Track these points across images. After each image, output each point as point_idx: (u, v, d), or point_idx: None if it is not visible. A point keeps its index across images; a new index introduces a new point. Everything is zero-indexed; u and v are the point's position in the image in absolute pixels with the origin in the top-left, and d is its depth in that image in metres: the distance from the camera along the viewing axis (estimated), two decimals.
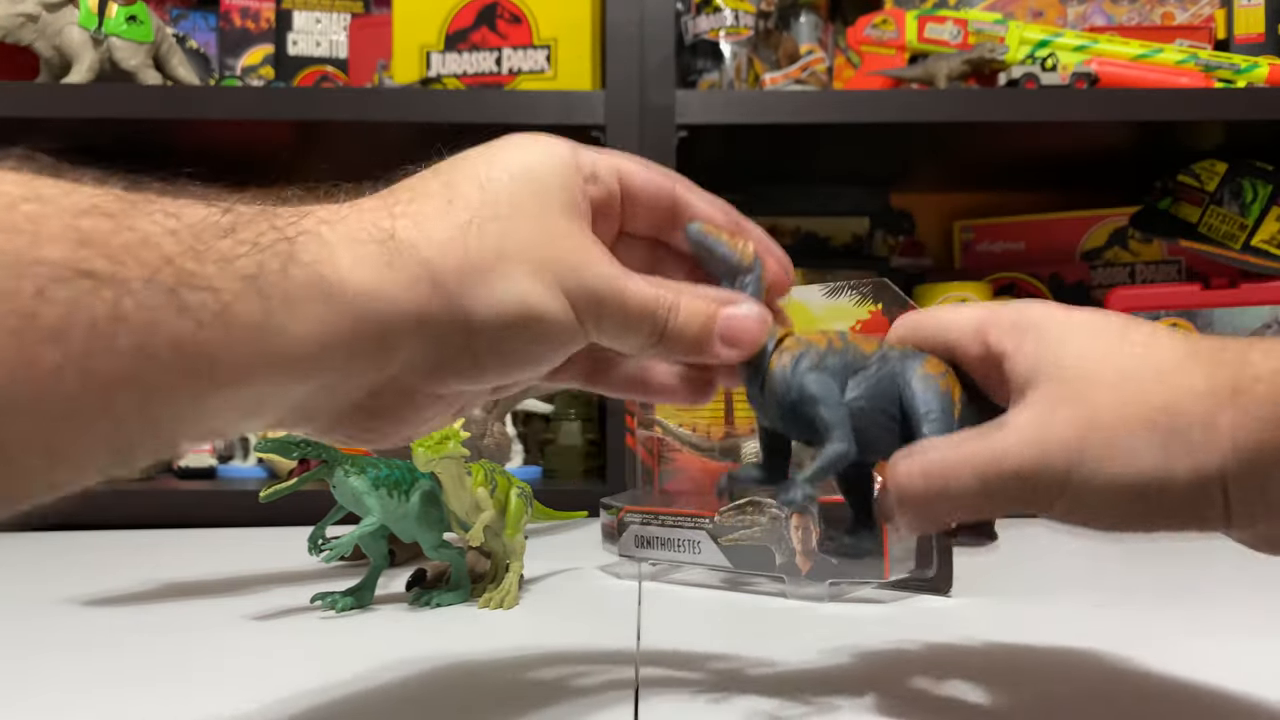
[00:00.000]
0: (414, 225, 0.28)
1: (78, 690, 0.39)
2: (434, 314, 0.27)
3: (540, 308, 0.29)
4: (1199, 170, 1.07)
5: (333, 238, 0.26)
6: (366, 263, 0.26)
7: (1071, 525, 0.30)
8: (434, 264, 0.27)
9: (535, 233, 0.29)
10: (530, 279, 0.28)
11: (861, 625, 0.48)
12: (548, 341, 0.30)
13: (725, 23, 1.03)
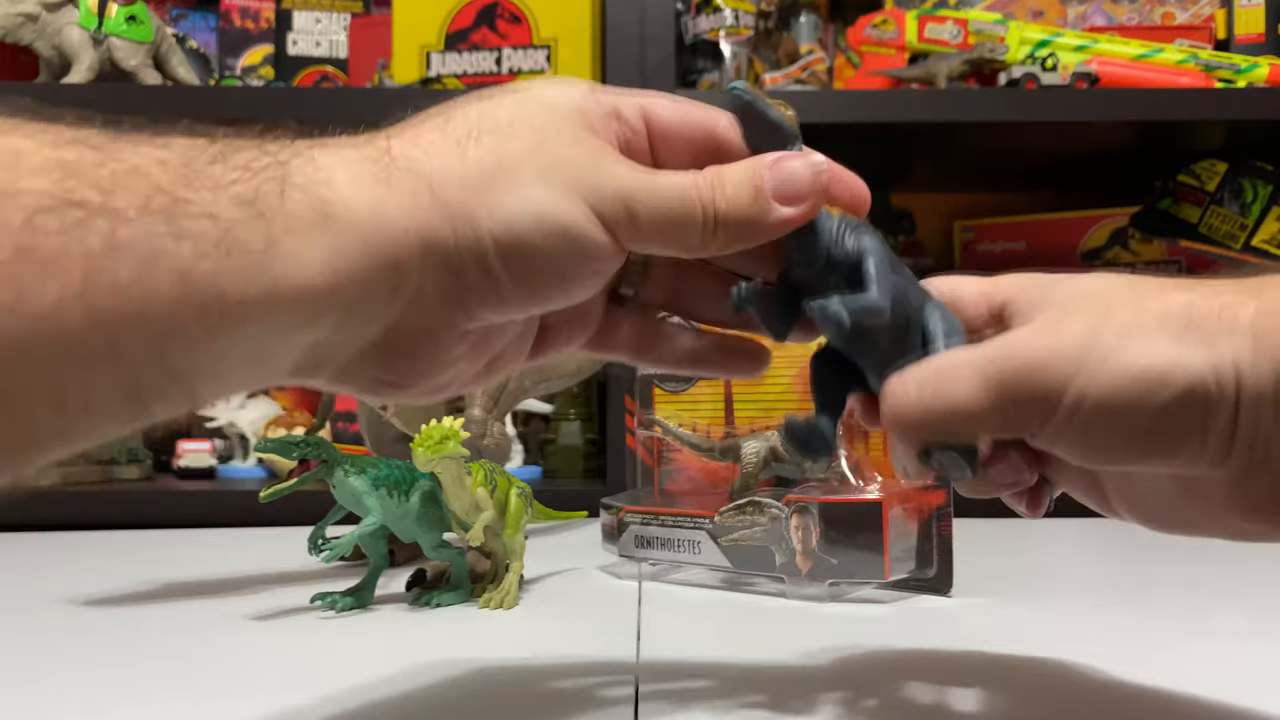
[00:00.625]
0: (410, 142, 0.26)
1: (78, 690, 0.39)
2: (438, 228, 0.25)
3: (556, 214, 0.26)
4: (1199, 170, 1.07)
5: (326, 159, 0.24)
6: (364, 180, 0.24)
7: (1066, 445, 0.28)
8: (434, 176, 0.25)
9: (538, 142, 0.27)
10: (540, 185, 0.26)
11: (861, 625, 0.48)
12: (573, 254, 0.27)
13: (725, 23, 1.03)
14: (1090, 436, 0.27)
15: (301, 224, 0.23)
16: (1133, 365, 0.26)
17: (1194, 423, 0.26)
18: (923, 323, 0.32)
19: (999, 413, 0.28)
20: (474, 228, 0.25)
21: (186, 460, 1.02)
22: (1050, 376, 0.27)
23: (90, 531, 0.83)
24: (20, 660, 0.44)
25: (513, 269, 0.26)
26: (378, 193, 0.24)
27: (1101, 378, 0.26)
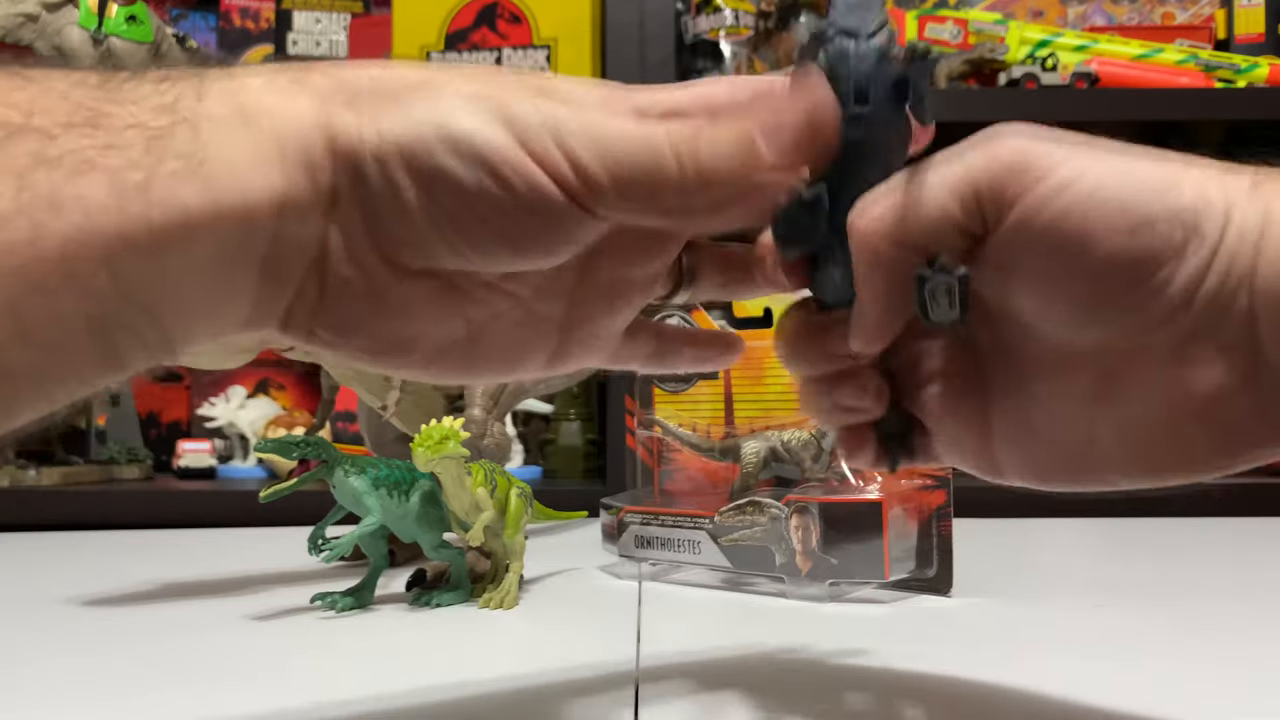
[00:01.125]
0: (339, 64, 0.25)
1: (77, 690, 0.39)
2: (346, 126, 0.23)
3: (464, 128, 0.23)
4: None
5: (241, 74, 0.24)
6: (278, 84, 0.23)
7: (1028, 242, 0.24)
8: (353, 84, 0.24)
9: (477, 74, 0.24)
10: (458, 101, 0.23)
11: (861, 625, 0.48)
12: (494, 189, 0.23)
13: (725, 22, 1.03)
14: (1065, 233, 0.23)
15: (222, 124, 0.22)
16: (1134, 166, 0.24)
17: (1172, 244, 0.23)
18: None
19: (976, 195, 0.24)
20: (378, 129, 0.23)
21: (186, 460, 1.02)
22: (1039, 154, 0.24)
23: (90, 531, 0.83)
24: (20, 660, 0.44)
25: (421, 191, 0.23)
26: (290, 93, 0.23)
27: (1097, 167, 0.24)
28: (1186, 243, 0.23)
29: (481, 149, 0.23)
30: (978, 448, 0.28)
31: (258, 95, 0.23)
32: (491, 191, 0.23)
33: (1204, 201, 0.24)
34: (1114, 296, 0.24)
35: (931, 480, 0.53)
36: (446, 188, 0.23)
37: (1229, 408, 0.24)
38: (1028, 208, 0.24)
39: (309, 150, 0.23)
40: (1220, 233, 0.23)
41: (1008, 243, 0.24)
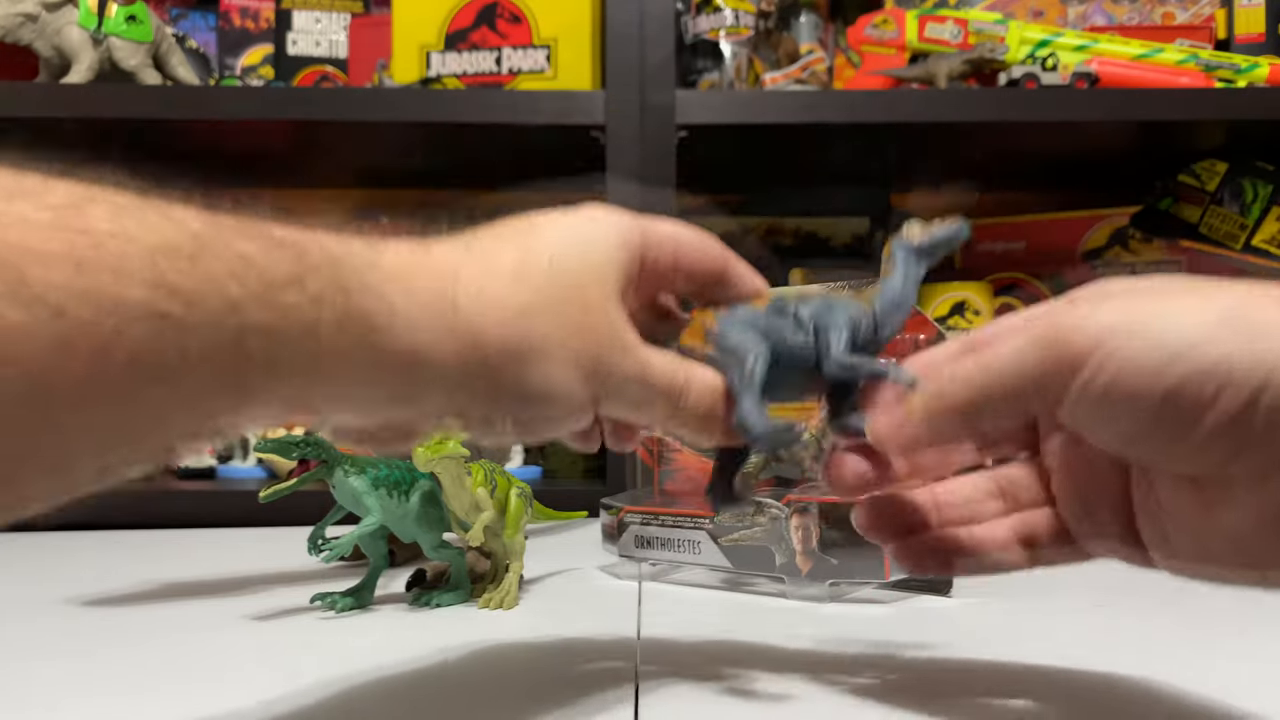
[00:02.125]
0: (476, 298, 0.29)
1: (77, 690, 0.39)
2: (470, 382, 0.29)
3: (563, 391, 0.30)
4: (1199, 170, 1.07)
5: (393, 293, 0.27)
6: (418, 323, 0.28)
7: (1084, 412, 0.28)
8: (485, 340, 0.29)
9: (581, 322, 0.31)
10: (564, 366, 0.30)
11: (861, 625, 0.48)
12: (561, 418, 0.32)
13: (725, 22, 1.03)
14: (1107, 404, 0.27)
15: (347, 352, 0.26)
16: (1166, 333, 0.26)
17: (1204, 396, 0.26)
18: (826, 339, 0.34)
19: (1036, 379, 0.28)
20: (497, 388, 0.30)
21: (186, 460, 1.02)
22: (1082, 338, 0.27)
23: (90, 531, 0.83)
24: (20, 660, 0.44)
25: (508, 416, 0.31)
26: (435, 341, 0.28)
27: (1134, 341, 0.27)
28: (1220, 392, 0.26)
29: (568, 405, 0.31)
30: (1121, 539, 0.33)
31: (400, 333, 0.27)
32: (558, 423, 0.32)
33: (1239, 352, 0.26)
34: (1161, 442, 0.27)
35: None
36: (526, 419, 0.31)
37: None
38: (1076, 391, 0.28)
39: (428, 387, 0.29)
40: (1264, 377, 0.25)
41: (1069, 413, 0.29)
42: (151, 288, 0.22)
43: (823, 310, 0.35)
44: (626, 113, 0.93)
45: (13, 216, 0.20)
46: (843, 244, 1.25)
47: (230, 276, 0.23)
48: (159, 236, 0.22)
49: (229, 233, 0.24)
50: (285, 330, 0.24)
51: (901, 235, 0.36)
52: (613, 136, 0.93)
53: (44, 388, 0.20)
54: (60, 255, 0.20)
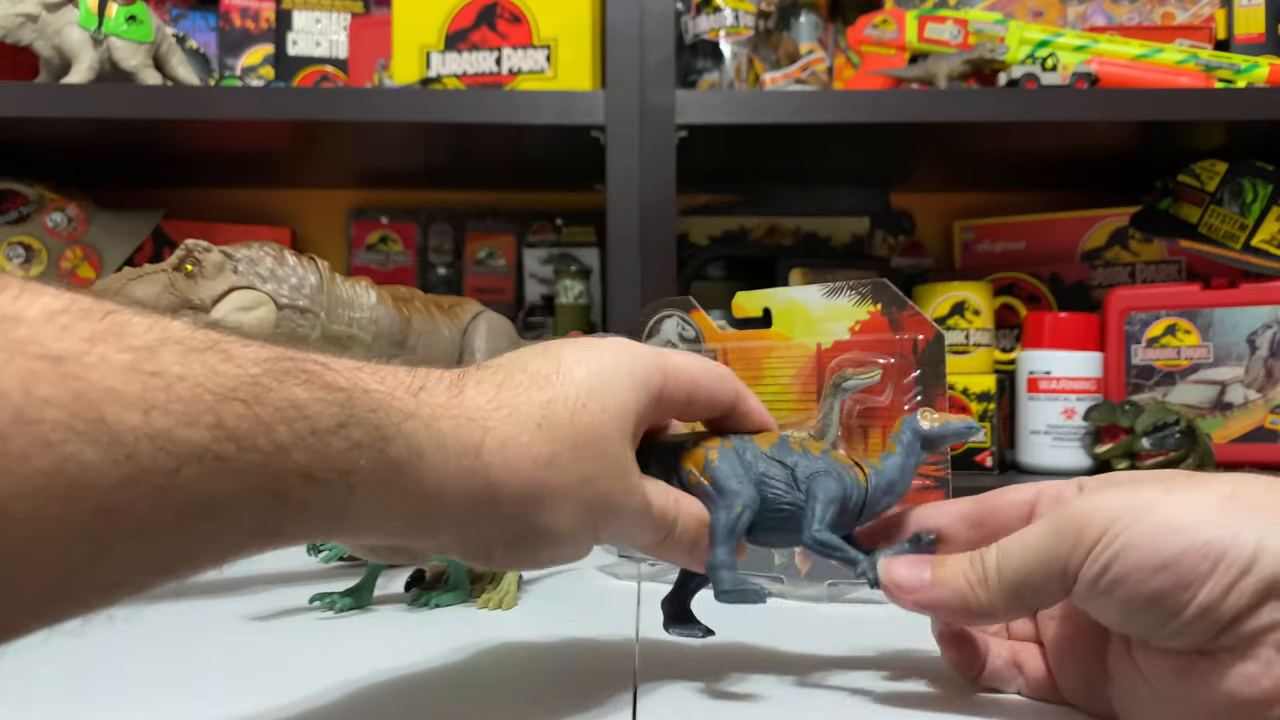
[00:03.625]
0: (500, 447, 0.31)
1: (77, 690, 0.39)
2: (480, 520, 0.31)
3: (567, 532, 0.33)
4: (1199, 170, 1.07)
5: (426, 441, 0.29)
6: (444, 471, 0.29)
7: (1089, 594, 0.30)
8: (500, 488, 0.31)
9: (595, 472, 0.33)
10: (571, 512, 0.33)
11: (861, 625, 0.48)
12: (562, 556, 0.34)
13: (725, 22, 1.03)
14: (1112, 582, 0.29)
15: (376, 492, 0.28)
16: (1167, 515, 0.29)
17: (1198, 573, 0.28)
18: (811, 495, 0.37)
19: (1063, 566, 0.31)
20: (504, 527, 0.32)
21: None
22: (1096, 525, 0.30)
23: None
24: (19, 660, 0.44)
25: (509, 549, 0.33)
26: (454, 485, 0.30)
27: (1136, 525, 0.29)
28: (1213, 569, 0.28)
29: (570, 545, 0.34)
30: (1091, 692, 0.34)
31: (424, 475, 0.29)
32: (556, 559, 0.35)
33: (1230, 534, 0.28)
34: (1157, 617, 0.29)
35: (930, 480, 0.53)
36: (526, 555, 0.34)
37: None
38: (1085, 572, 0.30)
39: (439, 523, 0.31)
40: (1250, 558, 0.27)
41: (1077, 594, 0.31)
42: (211, 430, 0.23)
43: (819, 474, 0.37)
44: (626, 113, 0.93)
45: (96, 358, 0.21)
46: (843, 244, 1.25)
47: (281, 421, 0.25)
48: (222, 381, 0.24)
49: (284, 376, 0.26)
50: (323, 474, 0.26)
51: (915, 418, 0.38)
52: (613, 136, 0.93)
53: (107, 520, 0.21)
54: (135, 398, 0.22)
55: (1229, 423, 1.00)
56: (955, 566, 0.34)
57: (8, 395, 0.20)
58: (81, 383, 0.21)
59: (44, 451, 0.20)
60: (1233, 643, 0.28)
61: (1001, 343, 1.16)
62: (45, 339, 0.21)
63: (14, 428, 0.19)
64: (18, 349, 0.20)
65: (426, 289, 0.65)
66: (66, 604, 0.23)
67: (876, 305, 0.53)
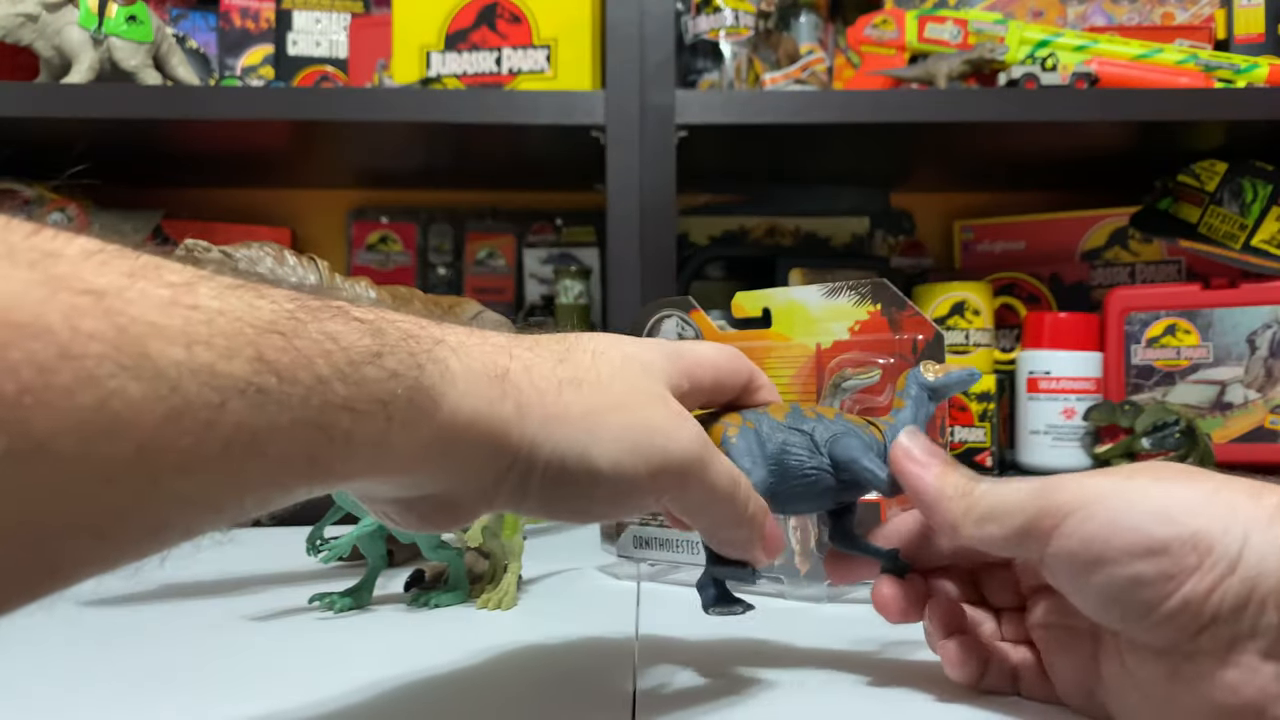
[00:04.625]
0: (524, 370, 0.31)
1: (78, 690, 0.39)
2: (512, 449, 0.30)
3: (609, 470, 0.31)
4: (1199, 170, 1.07)
5: (456, 367, 0.29)
6: (475, 394, 0.29)
7: (1057, 559, 0.31)
8: (528, 408, 0.30)
9: (630, 398, 0.32)
10: (611, 442, 0.31)
11: (861, 625, 0.48)
12: (605, 499, 0.32)
13: (725, 23, 1.03)
14: (1094, 560, 0.29)
15: (413, 422, 0.27)
16: (1156, 502, 0.29)
17: (1185, 565, 0.28)
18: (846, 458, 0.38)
19: (1031, 518, 0.31)
20: (534, 456, 0.30)
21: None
22: (1069, 494, 0.30)
23: None
24: (19, 660, 0.44)
25: (542, 494, 0.31)
26: (485, 409, 0.29)
27: (1123, 503, 0.29)
28: (1200, 563, 0.28)
29: (618, 484, 0.32)
30: (1085, 693, 0.34)
31: (456, 401, 0.29)
32: (606, 506, 0.33)
33: (1219, 529, 0.28)
34: (1132, 603, 0.29)
35: None
36: (560, 500, 0.32)
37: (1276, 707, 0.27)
38: (1059, 540, 0.30)
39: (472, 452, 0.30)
40: (1236, 556, 0.27)
41: (1049, 565, 0.31)
42: (252, 363, 0.23)
43: (838, 436, 0.38)
44: (626, 113, 0.93)
45: (136, 293, 0.21)
46: (843, 244, 1.25)
47: (319, 354, 0.25)
48: (259, 314, 0.24)
49: (317, 311, 0.25)
50: (363, 405, 0.26)
51: (918, 370, 0.39)
52: (613, 136, 0.93)
53: (153, 456, 0.21)
54: (176, 331, 0.21)
55: (1229, 423, 1.00)
56: (954, 474, 0.35)
57: (52, 330, 0.19)
58: (124, 317, 0.20)
59: (89, 387, 0.19)
60: (1212, 645, 0.28)
61: (1001, 343, 1.16)
62: (86, 274, 0.20)
63: (59, 362, 0.19)
64: (60, 284, 0.20)
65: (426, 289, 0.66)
66: (116, 546, 0.22)
67: (876, 305, 0.53)
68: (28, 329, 0.19)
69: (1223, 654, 0.28)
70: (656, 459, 0.32)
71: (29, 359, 0.19)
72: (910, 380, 0.39)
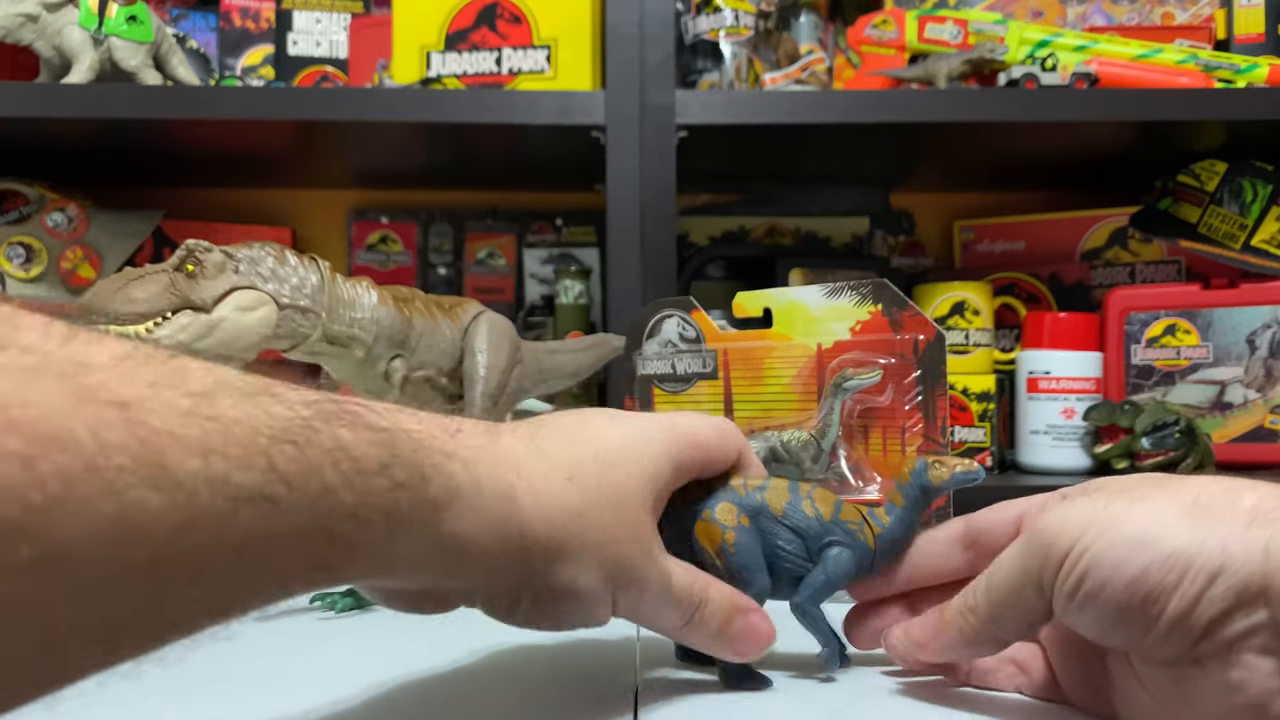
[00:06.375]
0: (532, 493, 0.32)
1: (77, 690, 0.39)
2: (508, 568, 0.31)
3: (585, 588, 0.33)
4: (1199, 170, 1.07)
5: (464, 483, 0.30)
6: (480, 514, 0.30)
7: (1065, 604, 0.31)
8: (530, 535, 0.31)
9: (616, 531, 0.33)
10: (594, 570, 0.33)
11: None
12: (580, 615, 0.35)
13: (725, 23, 1.03)
14: (1084, 597, 0.30)
15: (414, 532, 0.28)
16: (1130, 527, 0.29)
17: (1165, 584, 0.28)
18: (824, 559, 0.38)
19: (1035, 581, 0.32)
20: (528, 579, 0.32)
21: None
22: (1064, 538, 0.31)
23: None
24: None
25: (530, 606, 0.34)
26: (486, 531, 0.30)
27: (1102, 539, 0.30)
28: (1180, 580, 0.28)
29: (586, 606, 0.34)
30: (1091, 692, 0.35)
31: (457, 517, 0.29)
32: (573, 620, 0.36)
33: (1196, 542, 0.28)
34: (1131, 630, 0.29)
35: None
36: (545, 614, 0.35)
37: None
38: (1059, 586, 0.31)
39: (466, 567, 0.31)
40: (1216, 566, 0.28)
41: (1056, 607, 0.32)
42: (264, 472, 0.23)
43: (832, 546, 0.38)
44: (626, 113, 0.94)
45: (159, 404, 0.22)
46: (843, 244, 1.25)
47: (329, 463, 0.25)
48: (274, 424, 0.24)
49: (330, 419, 0.26)
50: (368, 514, 0.26)
51: (925, 472, 0.39)
52: (613, 136, 0.93)
53: (166, 562, 0.21)
54: (194, 441, 0.22)
55: (1228, 422, 1.00)
56: (953, 604, 0.35)
57: (80, 444, 0.20)
58: (145, 429, 0.21)
59: (110, 498, 0.20)
60: (1212, 650, 0.28)
61: (1001, 343, 1.16)
62: (113, 384, 0.21)
63: (84, 475, 0.20)
64: (89, 395, 0.20)
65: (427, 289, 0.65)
66: (122, 648, 0.23)
67: (877, 305, 0.53)
68: (57, 442, 0.19)
69: (1224, 656, 0.28)
70: (622, 595, 0.34)
71: (57, 472, 0.19)
72: (913, 480, 0.39)
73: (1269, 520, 0.28)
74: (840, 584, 0.38)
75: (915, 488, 0.39)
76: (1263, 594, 0.27)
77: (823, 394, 0.47)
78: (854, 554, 0.38)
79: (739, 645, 0.36)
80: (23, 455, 0.19)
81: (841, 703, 0.37)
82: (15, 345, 0.20)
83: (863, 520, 0.38)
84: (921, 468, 0.39)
